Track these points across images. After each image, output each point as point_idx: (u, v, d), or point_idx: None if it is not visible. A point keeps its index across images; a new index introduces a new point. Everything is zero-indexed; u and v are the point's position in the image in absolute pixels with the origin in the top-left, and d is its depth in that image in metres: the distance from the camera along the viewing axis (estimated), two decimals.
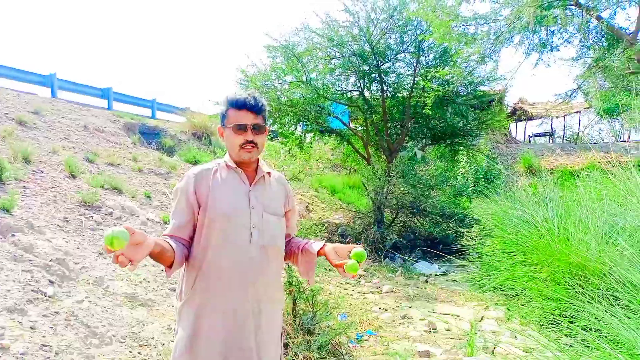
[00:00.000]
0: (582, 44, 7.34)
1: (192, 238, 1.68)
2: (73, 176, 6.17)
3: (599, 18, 6.42)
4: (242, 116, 1.67)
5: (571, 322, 2.97)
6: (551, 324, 3.58)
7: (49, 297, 3.32)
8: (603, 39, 7.08)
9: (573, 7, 6.54)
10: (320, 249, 1.77)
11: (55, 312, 3.17)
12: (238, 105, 1.68)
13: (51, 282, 3.55)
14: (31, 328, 2.87)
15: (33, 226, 4.30)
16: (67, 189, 5.64)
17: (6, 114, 7.88)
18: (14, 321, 2.86)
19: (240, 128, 1.67)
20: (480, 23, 7.13)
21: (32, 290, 3.29)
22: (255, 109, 1.68)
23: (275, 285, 1.79)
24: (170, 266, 1.58)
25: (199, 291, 1.64)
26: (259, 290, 1.68)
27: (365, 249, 7.78)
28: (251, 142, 1.68)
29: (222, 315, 1.63)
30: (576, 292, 3.32)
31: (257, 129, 1.70)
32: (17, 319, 2.90)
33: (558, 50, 7.24)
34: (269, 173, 1.82)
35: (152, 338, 3.43)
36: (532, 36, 7.12)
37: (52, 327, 2.97)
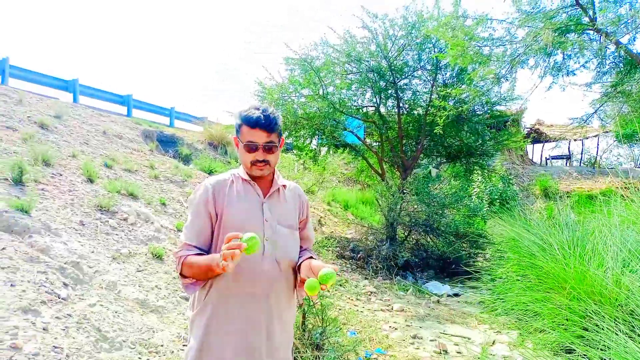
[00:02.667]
0: (598, 69, 7.30)
1: (208, 249, 1.69)
2: (91, 181, 6.26)
3: (617, 43, 6.38)
4: (254, 134, 1.66)
5: (586, 350, 2.91)
6: (566, 351, 3.50)
7: (62, 299, 3.35)
8: (621, 64, 7.03)
9: (591, 32, 6.51)
10: (302, 262, 1.74)
11: (67, 314, 3.20)
12: (251, 123, 1.66)
13: (65, 284, 3.59)
14: (44, 329, 2.90)
15: (50, 228, 4.37)
16: (84, 193, 5.72)
17: (29, 117, 8.05)
18: (27, 321, 2.89)
19: (252, 147, 1.67)
20: (495, 44, 7.14)
21: (46, 292, 3.32)
22: (268, 128, 1.66)
23: (287, 298, 1.78)
24: (204, 280, 1.63)
25: (211, 303, 1.65)
26: (271, 304, 1.68)
27: (377, 266, 7.68)
28: (262, 161, 1.68)
29: (233, 328, 1.63)
30: (591, 319, 3.25)
31: (269, 147, 1.68)
32: (31, 319, 2.93)
33: (574, 74, 7.21)
34: (284, 186, 1.82)
35: (162, 345, 3.43)
36: (548, 59, 7.10)
37: (64, 329, 3.00)
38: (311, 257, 1.76)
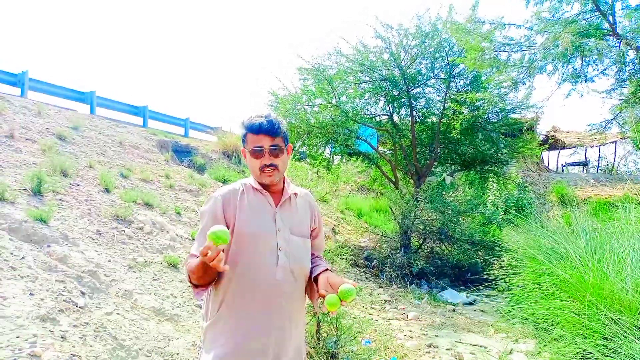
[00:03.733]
0: (617, 76, 7.20)
1: None
2: (107, 190, 6.36)
3: (638, 49, 6.30)
4: (258, 140, 1.67)
5: (606, 359, 2.85)
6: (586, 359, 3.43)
7: (80, 307, 3.40)
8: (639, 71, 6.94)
9: (610, 38, 6.44)
10: (319, 273, 1.72)
11: (85, 322, 3.24)
12: (254, 129, 1.67)
13: (83, 293, 3.64)
14: (62, 337, 2.94)
15: (67, 238, 4.44)
16: (101, 202, 5.81)
17: (47, 128, 8.22)
18: (45, 330, 2.93)
19: (258, 152, 1.68)
20: (513, 50, 7.10)
21: (64, 301, 3.37)
22: (271, 132, 1.67)
23: (300, 308, 1.78)
24: (208, 284, 1.60)
25: (224, 313, 1.64)
26: (284, 314, 1.67)
27: (392, 274, 7.64)
28: (270, 165, 1.68)
29: (247, 338, 1.61)
30: (611, 327, 3.19)
31: (275, 151, 1.68)
32: (49, 327, 2.98)
33: (593, 81, 7.11)
34: (295, 194, 1.81)
35: (177, 354, 3.45)
36: (567, 65, 7.03)
37: (81, 338, 3.04)
38: (327, 270, 1.73)
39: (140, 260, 4.77)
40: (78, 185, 6.10)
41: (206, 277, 1.55)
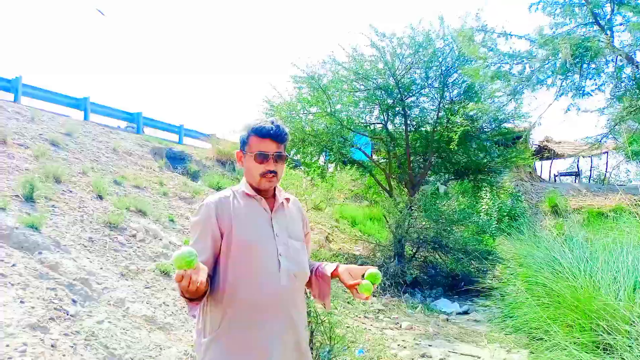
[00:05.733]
0: (613, 92, 7.28)
1: (212, 270, 1.60)
2: (100, 197, 6.32)
3: (633, 61, 6.38)
4: (264, 145, 1.65)
5: None
6: None
7: (71, 315, 3.36)
8: (635, 85, 7.02)
9: (607, 51, 6.51)
10: (334, 270, 1.73)
11: (76, 331, 3.20)
12: (262, 133, 1.65)
13: (74, 301, 3.60)
14: (52, 346, 2.90)
15: (59, 245, 4.40)
16: (94, 209, 5.77)
17: (41, 134, 8.17)
18: (36, 338, 2.89)
19: (263, 157, 1.65)
20: (514, 62, 7.16)
21: (55, 309, 3.34)
22: (278, 138, 1.66)
23: (304, 311, 1.76)
24: (200, 299, 1.51)
25: (228, 326, 1.56)
26: (294, 320, 1.64)
27: (384, 282, 7.64)
28: (273, 171, 1.66)
29: (255, 350, 1.56)
30: (604, 338, 3.20)
31: (279, 159, 1.68)
32: (40, 336, 2.94)
33: (590, 95, 7.18)
34: (287, 199, 1.79)
35: None
36: (565, 80, 7.09)
37: (72, 347, 3.00)
38: (338, 265, 1.76)
39: (132, 268, 4.74)
40: (71, 191, 6.06)
41: (197, 292, 1.45)
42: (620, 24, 6.57)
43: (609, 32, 6.31)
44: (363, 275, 1.64)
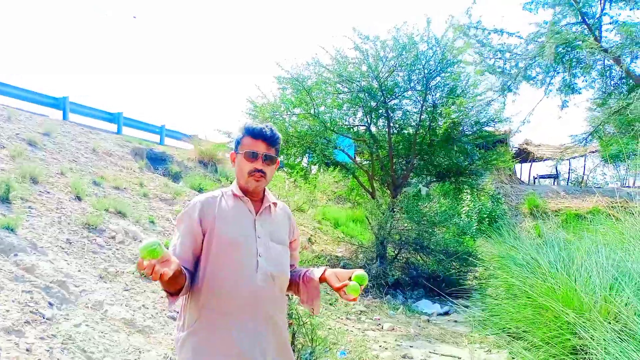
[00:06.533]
0: (602, 90, 7.44)
1: (193, 267, 1.66)
2: (79, 198, 6.21)
3: (619, 63, 6.51)
4: (256, 145, 1.71)
5: None
6: None
7: (47, 319, 3.29)
8: (623, 85, 7.18)
9: (596, 51, 6.62)
10: (322, 274, 1.77)
11: (52, 334, 3.14)
12: (254, 133, 1.72)
13: (50, 304, 3.53)
14: (27, 350, 2.84)
15: (36, 247, 4.31)
16: (72, 210, 5.67)
17: (17, 134, 8.00)
18: (10, 342, 2.83)
19: (252, 156, 1.71)
20: (507, 58, 7.26)
21: (30, 312, 3.26)
22: (270, 140, 1.73)
23: (283, 313, 1.79)
24: (178, 292, 1.56)
25: (204, 322, 1.61)
26: (268, 320, 1.68)
27: (367, 285, 7.72)
28: (260, 170, 1.71)
29: (228, 346, 1.60)
30: (581, 337, 3.26)
31: (268, 160, 1.73)
32: (14, 340, 2.87)
33: (580, 93, 7.33)
34: (274, 203, 1.84)
35: None
36: (555, 75, 7.22)
37: (48, 350, 2.94)
38: (325, 269, 1.79)
39: (111, 270, 4.66)
40: (48, 192, 5.94)
41: (173, 284, 1.51)
42: (609, 23, 6.71)
43: (597, 33, 6.44)
44: (350, 278, 1.68)
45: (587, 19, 6.48)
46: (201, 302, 1.62)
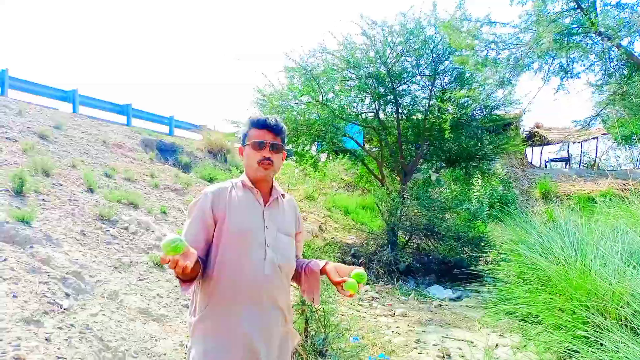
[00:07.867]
0: (603, 72, 7.32)
1: (205, 255, 1.71)
2: (91, 190, 6.27)
3: (619, 46, 6.40)
4: (262, 134, 1.77)
5: (590, 352, 2.91)
6: (570, 353, 3.49)
7: (64, 309, 3.35)
8: (624, 67, 7.05)
9: (594, 35, 6.52)
10: (323, 267, 1.82)
11: (70, 324, 3.20)
12: (259, 124, 1.78)
13: (67, 294, 3.59)
14: (46, 340, 2.89)
15: (51, 238, 4.37)
16: (85, 202, 5.73)
17: (29, 127, 8.07)
18: (30, 332, 2.88)
19: (259, 145, 1.76)
20: (500, 48, 7.16)
21: (48, 302, 3.32)
22: (275, 129, 1.78)
23: (288, 302, 1.83)
24: (191, 280, 1.61)
25: (213, 308, 1.67)
26: (274, 308, 1.73)
27: (378, 270, 7.68)
28: (268, 159, 1.75)
29: (236, 332, 1.65)
30: (594, 321, 3.25)
31: (275, 148, 1.78)
32: (33, 330, 2.93)
33: (579, 77, 7.22)
34: (282, 195, 1.90)
35: (164, 354, 3.42)
36: (552, 62, 7.12)
37: (66, 340, 3.00)
38: (327, 262, 1.84)
39: (125, 261, 4.72)
40: (61, 185, 6.01)
41: (189, 273, 1.54)
42: (604, 5, 6.57)
43: (592, 16, 6.32)
44: (349, 275, 1.71)
45: (581, 4, 6.35)
46: (211, 289, 1.68)
